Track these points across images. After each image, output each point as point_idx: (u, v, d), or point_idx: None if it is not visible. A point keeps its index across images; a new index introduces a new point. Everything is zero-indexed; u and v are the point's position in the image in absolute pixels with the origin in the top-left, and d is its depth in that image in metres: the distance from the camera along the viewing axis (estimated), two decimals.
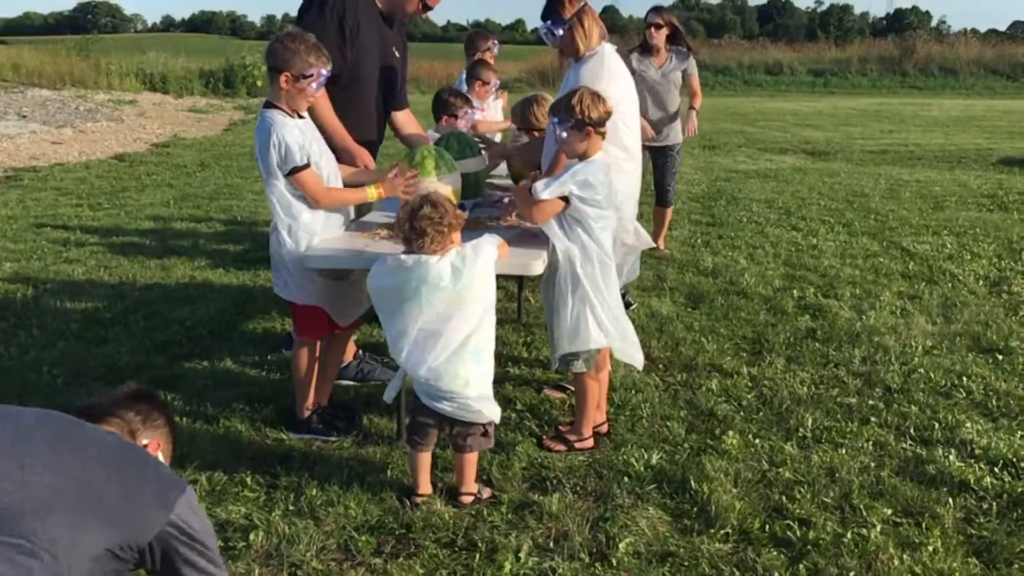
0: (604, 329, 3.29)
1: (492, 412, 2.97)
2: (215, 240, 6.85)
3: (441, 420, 2.96)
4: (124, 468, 1.80)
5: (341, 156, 3.65)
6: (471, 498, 3.01)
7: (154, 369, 4.17)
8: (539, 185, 3.15)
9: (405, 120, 4.20)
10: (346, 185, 3.52)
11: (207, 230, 7.22)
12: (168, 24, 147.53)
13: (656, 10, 6.30)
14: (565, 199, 3.15)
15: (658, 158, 6.39)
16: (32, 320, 4.82)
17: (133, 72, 20.14)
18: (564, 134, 3.21)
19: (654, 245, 3.99)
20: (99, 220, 7.47)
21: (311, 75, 3.22)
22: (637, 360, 3.52)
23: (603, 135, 3.25)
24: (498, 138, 5.54)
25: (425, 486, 3.04)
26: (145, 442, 2.03)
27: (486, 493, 3.05)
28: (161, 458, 2.04)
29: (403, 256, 2.86)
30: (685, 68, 6.34)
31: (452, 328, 2.83)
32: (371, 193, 3.47)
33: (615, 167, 3.46)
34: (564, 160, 3.33)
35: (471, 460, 3.02)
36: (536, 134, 4.17)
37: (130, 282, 5.60)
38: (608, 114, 3.23)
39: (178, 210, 7.98)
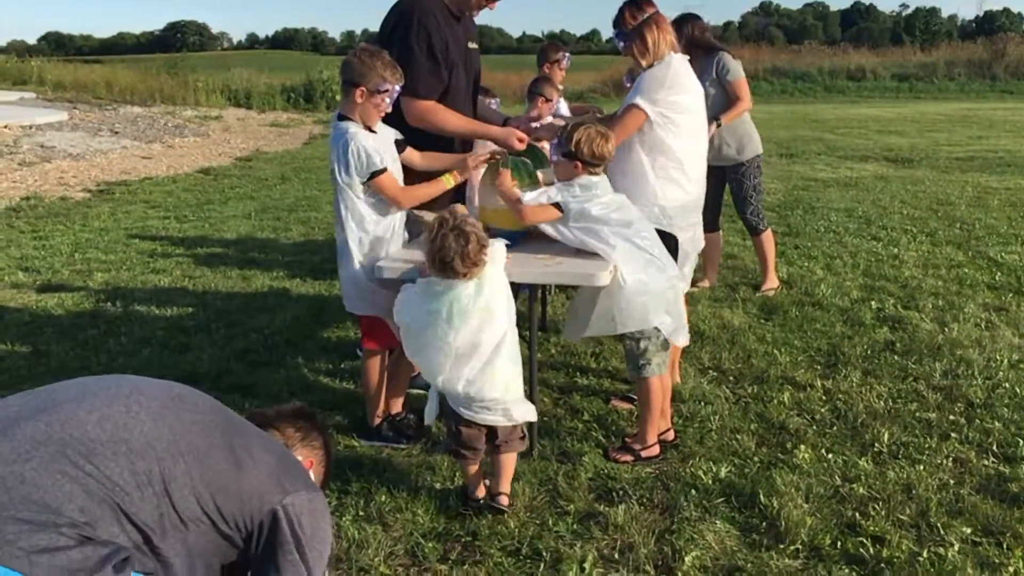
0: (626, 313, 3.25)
1: (531, 413, 3.01)
2: (293, 251, 7.04)
3: (485, 429, 2.97)
4: (253, 441, 1.92)
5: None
6: (507, 499, 3.03)
7: (233, 376, 4.30)
8: (528, 197, 3.33)
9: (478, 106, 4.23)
10: (422, 173, 3.58)
11: (286, 241, 7.43)
12: (252, 41, 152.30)
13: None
14: (558, 207, 3.28)
15: (726, 182, 5.74)
16: (120, 328, 5.03)
17: (219, 89, 20.87)
18: (555, 158, 3.38)
19: (700, 247, 3.85)
20: (185, 232, 7.76)
21: (386, 90, 3.30)
22: (681, 339, 3.45)
23: (595, 172, 3.31)
24: None
25: (481, 490, 3.08)
26: (299, 459, 2.10)
27: (504, 500, 3.05)
28: (312, 479, 2.10)
29: (433, 279, 2.88)
30: (715, 74, 5.37)
31: (486, 339, 2.85)
32: (447, 181, 3.52)
33: (663, 176, 3.49)
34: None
35: (510, 461, 3.05)
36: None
37: (212, 291, 5.80)
38: (606, 157, 3.29)
39: (259, 222, 8.22)
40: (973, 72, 28.95)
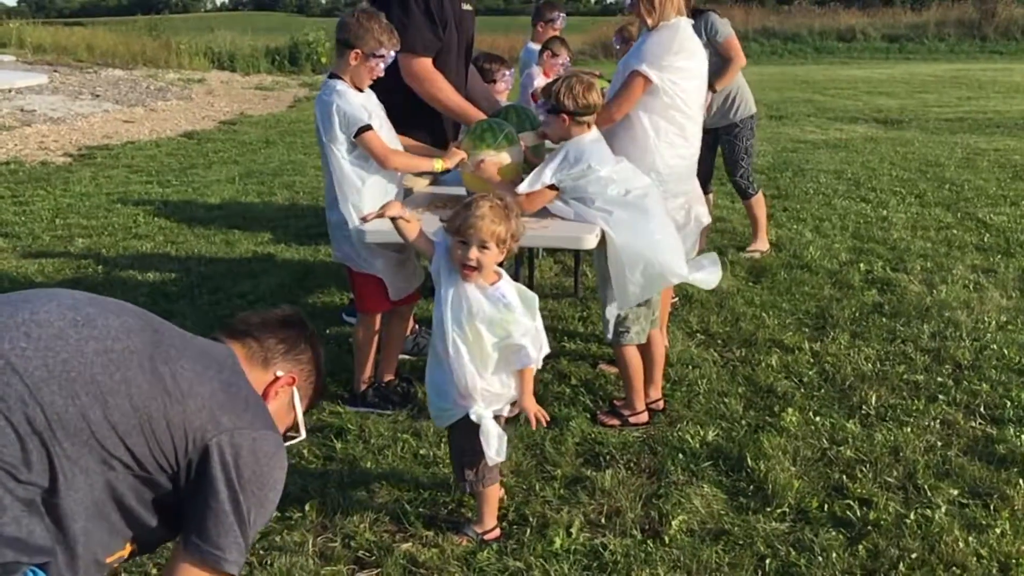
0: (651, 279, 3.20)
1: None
2: (278, 216, 6.95)
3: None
4: (187, 368, 1.71)
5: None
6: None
7: None
8: (522, 186, 3.18)
9: (470, 74, 4.16)
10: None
11: (270, 206, 7.34)
12: (236, 3, 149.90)
13: None
14: (554, 187, 3.17)
15: (718, 145, 5.60)
16: (102, 294, 4.93)
17: (202, 51, 20.53)
18: (541, 117, 3.26)
19: (707, 222, 3.78)
20: (167, 197, 7.66)
21: (381, 55, 3.24)
22: (711, 281, 3.36)
23: (586, 124, 3.20)
24: None
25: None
26: (279, 373, 1.91)
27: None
28: (296, 396, 1.93)
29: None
30: (704, 36, 5.10)
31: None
32: (437, 164, 3.46)
33: (665, 141, 3.42)
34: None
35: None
36: None
37: (196, 257, 5.73)
38: (592, 104, 3.16)
39: (243, 186, 8.12)
40: (963, 33, 28.76)
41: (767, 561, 2.55)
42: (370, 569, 2.56)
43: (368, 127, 3.24)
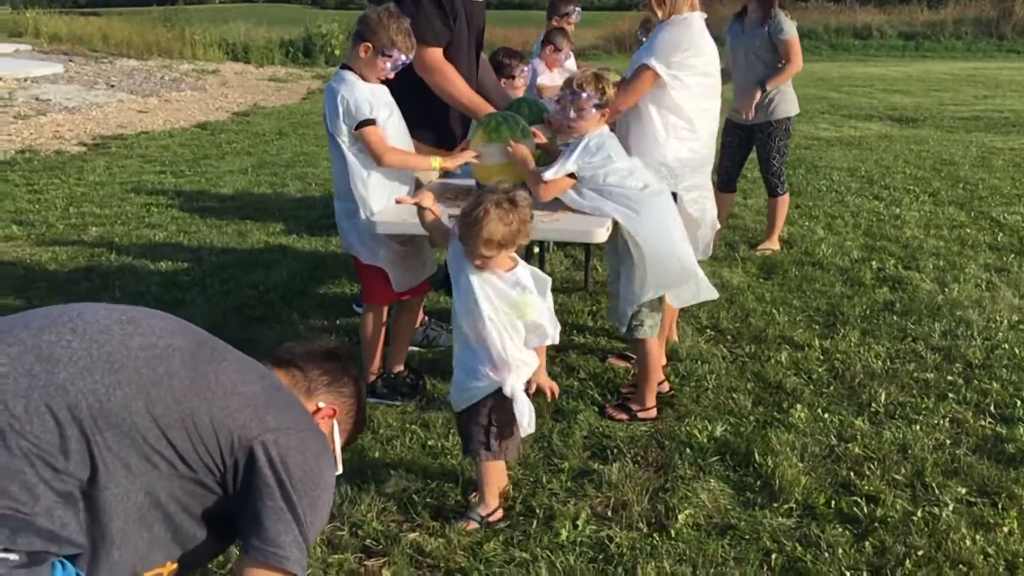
0: (660, 276, 3.22)
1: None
2: (290, 207, 6.97)
3: None
4: (229, 370, 1.72)
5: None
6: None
7: (228, 332, 4.25)
8: (549, 173, 3.19)
9: (482, 66, 4.16)
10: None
11: (283, 197, 7.36)
12: None
13: None
14: (571, 176, 3.19)
15: (752, 143, 5.64)
16: (115, 282, 4.99)
17: (216, 42, 20.54)
18: (572, 115, 3.23)
19: (718, 227, 3.78)
20: (180, 186, 7.69)
21: (391, 55, 3.25)
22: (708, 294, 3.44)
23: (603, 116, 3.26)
24: None
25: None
26: (321, 405, 1.91)
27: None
28: (336, 429, 1.92)
29: None
30: (768, 31, 5.27)
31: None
32: (435, 162, 3.46)
33: (673, 135, 3.43)
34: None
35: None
36: None
37: (208, 247, 5.76)
38: (609, 100, 3.23)
39: (255, 177, 8.14)
40: (980, 31, 28.52)
41: (773, 556, 2.55)
42: (377, 558, 2.57)
43: (370, 121, 3.24)
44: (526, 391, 2.64)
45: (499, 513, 2.74)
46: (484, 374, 2.60)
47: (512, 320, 2.59)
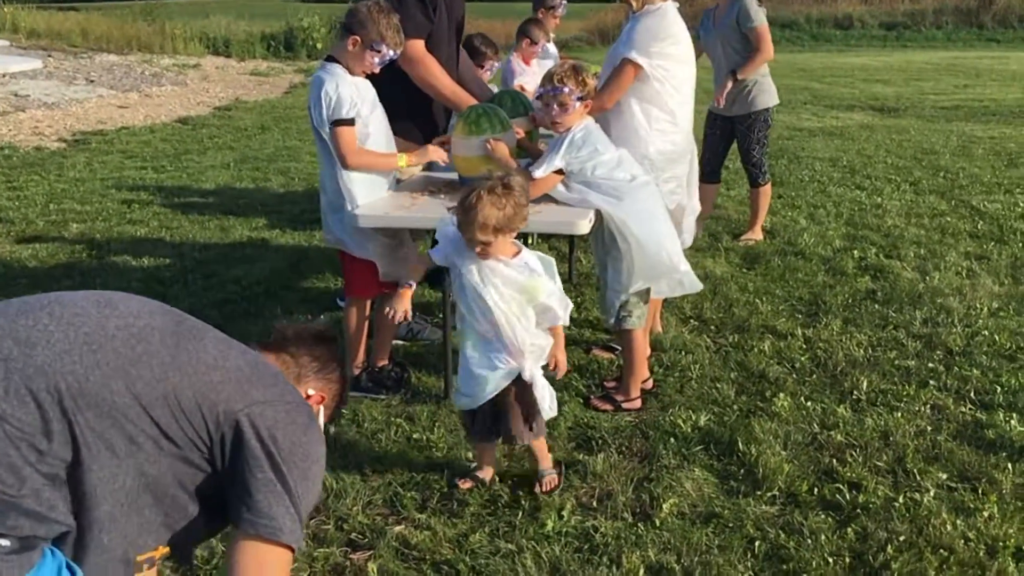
0: (649, 266, 3.24)
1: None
2: (272, 201, 6.95)
3: None
4: (210, 347, 1.70)
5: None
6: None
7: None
8: (537, 171, 3.19)
9: (461, 58, 4.15)
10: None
11: (265, 191, 7.33)
12: None
13: None
14: (559, 171, 3.20)
15: (733, 134, 5.66)
16: (96, 279, 4.96)
17: (197, 37, 20.39)
18: (555, 110, 3.20)
19: (698, 209, 3.78)
20: (162, 182, 7.64)
21: (379, 50, 3.24)
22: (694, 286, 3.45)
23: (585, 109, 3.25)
24: None
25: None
26: (311, 392, 1.90)
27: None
28: (322, 413, 1.92)
29: None
30: (736, 20, 5.25)
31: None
32: (401, 161, 3.45)
33: (656, 128, 3.43)
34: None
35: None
36: None
37: (190, 242, 5.73)
38: (592, 92, 3.23)
39: (238, 172, 8.10)
40: (960, 20, 28.68)
41: (756, 544, 2.57)
42: (363, 551, 2.57)
43: (346, 121, 3.22)
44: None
45: (556, 469, 2.89)
46: (504, 360, 2.65)
47: (521, 305, 2.62)
